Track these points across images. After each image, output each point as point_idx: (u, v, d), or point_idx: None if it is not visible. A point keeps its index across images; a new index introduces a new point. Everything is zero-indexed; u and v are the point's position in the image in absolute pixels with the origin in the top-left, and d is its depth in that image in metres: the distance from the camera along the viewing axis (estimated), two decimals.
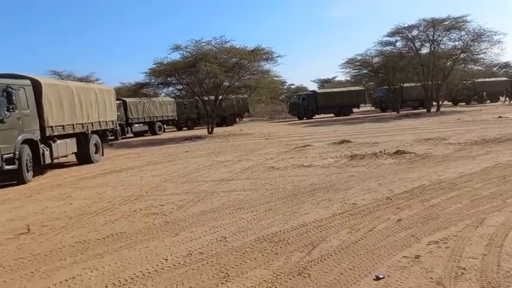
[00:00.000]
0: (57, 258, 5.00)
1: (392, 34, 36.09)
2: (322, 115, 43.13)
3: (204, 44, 25.88)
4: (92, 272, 4.48)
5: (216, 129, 29.24)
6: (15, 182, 11.18)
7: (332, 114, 42.93)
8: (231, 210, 6.83)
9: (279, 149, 15.51)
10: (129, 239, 5.63)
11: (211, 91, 28.02)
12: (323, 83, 73.53)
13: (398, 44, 36.81)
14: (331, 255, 4.55)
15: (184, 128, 36.60)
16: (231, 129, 30.97)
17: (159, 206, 7.51)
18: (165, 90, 31.58)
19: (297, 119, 42.20)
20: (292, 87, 69.97)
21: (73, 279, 4.30)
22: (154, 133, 32.17)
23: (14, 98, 10.86)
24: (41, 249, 5.41)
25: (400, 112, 38.17)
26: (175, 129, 36.82)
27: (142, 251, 5.09)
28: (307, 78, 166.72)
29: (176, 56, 27.71)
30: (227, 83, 27.70)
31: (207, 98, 28.15)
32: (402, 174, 8.99)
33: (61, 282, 4.25)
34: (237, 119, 41.25)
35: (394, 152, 11.91)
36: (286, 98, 58.10)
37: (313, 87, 72.59)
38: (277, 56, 27.24)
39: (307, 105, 41.92)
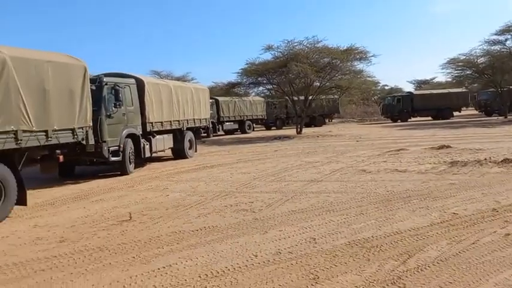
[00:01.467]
0: (156, 246, 5.31)
1: (501, 32, 33.00)
2: (418, 118, 40.88)
3: (295, 44, 25.91)
4: (186, 261, 4.68)
5: (305, 130, 29.12)
6: (119, 173, 12.15)
7: (429, 117, 40.46)
8: (320, 212, 6.71)
9: (370, 152, 14.97)
10: (220, 232, 5.80)
11: (301, 91, 27.94)
12: (420, 84, 69.67)
13: (509, 43, 33.53)
14: (428, 267, 4.26)
15: (273, 128, 37.00)
16: (320, 130, 30.65)
17: (249, 202, 7.64)
18: (255, 90, 32.17)
19: (390, 121, 40.45)
20: (386, 88, 67.22)
21: (169, 267, 4.53)
22: (243, 132, 32.97)
23: (120, 95, 11.80)
24: (141, 236, 5.79)
25: (508, 117, 34.72)
26: (264, 129, 37.38)
27: (233, 245, 5.20)
28: (402, 79, 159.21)
29: (268, 56, 28.09)
30: (318, 83, 27.42)
31: (296, 98, 28.13)
32: (511, 184, 8.15)
33: (159, 268, 4.49)
34: (327, 120, 40.70)
35: (502, 160, 10.85)
36: (379, 99, 56.02)
37: (409, 88, 69.13)
38: (372, 56, 26.36)
39: (402, 107, 39.97)
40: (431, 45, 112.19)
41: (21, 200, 7.52)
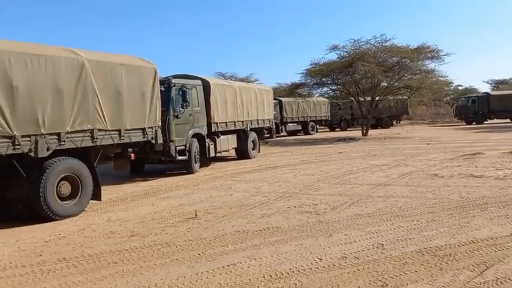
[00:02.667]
0: (220, 244, 5.38)
1: None
2: (495, 120, 38.16)
3: (362, 43, 25.22)
4: (250, 261, 4.69)
5: (371, 131, 28.27)
6: (185, 172, 12.52)
7: (508, 120, 37.62)
8: (389, 217, 6.44)
9: (442, 156, 14.17)
10: (284, 234, 5.75)
11: (368, 92, 27.15)
12: (498, 84, 65.01)
13: None
14: (509, 279, 3.92)
15: (337, 129, 36.34)
16: (387, 132, 29.58)
17: (313, 205, 7.52)
18: (319, 91, 31.78)
19: (464, 123, 38.14)
20: (460, 88, 63.44)
21: (234, 265, 4.57)
22: (307, 133, 32.68)
23: (187, 96, 12.16)
24: (206, 234, 5.90)
25: None
26: (328, 130, 36.83)
27: (297, 247, 5.14)
28: (478, 79, 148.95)
29: (333, 56, 27.62)
30: (385, 84, 26.48)
31: (362, 99, 27.39)
32: None
33: (223, 266, 4.54)
34: (394, 122, 39.21)
35: None
36: (452, 100, 53.02)
37: (485, 88, 64.71)
38: (444, 55, 24.95)
39: (477, 109, 37.50)
40: (511, 43, 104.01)
41: (96, 195, 7.99)
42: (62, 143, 7.36)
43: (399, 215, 6.52)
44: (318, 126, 35.05)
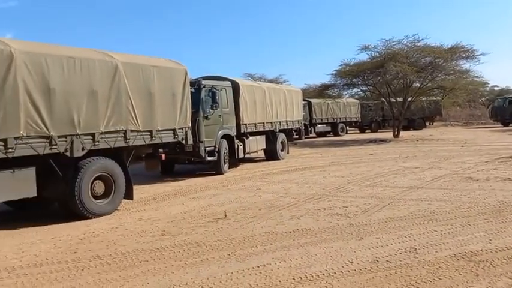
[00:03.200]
0: (250, 245, 5.39)
1: None
2: None
3: (394, 43, 24.72)
4: (280, 262, 4.67)
5: (403, 133, 27.68)
6: (214, 172, 12.62)
7: None
8: (421, 221, 6.29)
9: (478, 158, 13.72)
10: (313, 236, 5.70)
11: (399, 92, 26.60)
12: None
13: None
14: None
15: (367, 131, 35.77)
16: (420, 134, 28.89)
17: (343, 207, 7.43)
18: (349, 91, 31.36)
19: (500, 125, 36.80)
20: (496, 89, 61.29)
21: (263, 266, 4.56)
22: (336, 134, 32.33)
23: (217, 97, 12.26)
24: (235, 234, 5.92)
25: None
26: (358, 131, 36.31)
27: (327, 249, 5.08)
28: None
29: (363, 57, 27.22)
30: (418, 84, 25.88)
31: (394, 100, 26.85)
32: None
33: (253, 267, 4.54)
34: (427, 123, 38.22)
35: None
36: (488, 101, 51.24)
37: None
38: (480, 54, 24.15)
39: None
40: None
41: (129, 195, 8.16)
42: (96, 143, 7.55)
43: (433, 219, 6.36)
44: (347, 128, 34.62)
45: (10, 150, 6.22)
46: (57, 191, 7.24)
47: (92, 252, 5.33)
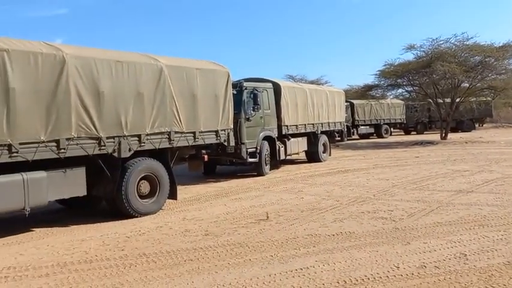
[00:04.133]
0: (292, 247, 5.35)
1: None
2: None
3: (441, 42, 23.87)
4: (323, 265, 4.61)
5: (451, 135, 26.66)
6: (256, 174, 12.65)
7: None
8: (472, 226, 6.02)
9: None
10: (357, 239, 5.59)
11: (447, 93, 25.65)
12: None
13: None
14: None
15: (413, 132, 34.73)
16: (469, 136, 27.72)
17: (388, 210, 7.24)
18: (393, 92, 30.62)
19: None
20: None
21: (307, 269, 4.51)
22: (380, 136, 31.62)
23: (259, 99, 12.29)
24: (278, 236, 5.90)
25: None
26: (403, 133, 35.32)
27: (371, 253, 4.96)
28: None
29: (409, 57, 26.47)
30: (466, 84, 24.87)
31: (441, 101, 25.91)
32: None
33: (296, 269, 4.51)
34: (477, 125, 36.63)
35: None
36: None
37: None
38: None
39: None
40: None
41: (173, 195, 8.34)
42: (142, 144, 7.77)
43: (484, 224, 6.07)
44: (392, 129, 33.76)
45: (62, 150, 6.52)
46: (105, 190, 7.49)
47: (139, 250, 5.48)
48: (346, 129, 19.60)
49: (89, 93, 6.89)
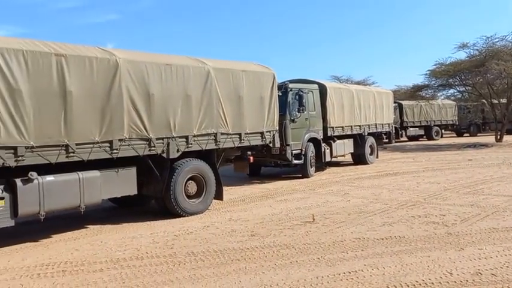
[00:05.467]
0: (339, 250, 5.27)
1: None
2: None
3: (496, 40, 22.69)
4: (372, 269, 4.50)
5: (507, 137, 25.28)
6: (301, 175, 12.58)
7: None
8: None
9: None
10: (408, 244, 5.42)
11: (503, 93, 24.33)
12: None
13: None
14: None
15: (465, 134, 33.23)
16: None
17: (440, 215, 6.97)
18: (444, 93, 29.45)
19: None
20: None
21: (355, 272, 4.43)
22: (430, 138, 30.48)
23: (304, 100, 12.22)
24: (324, 238, 5.83)
25: None
26: (455, 135, 33.89)
27: (423, 259, 4.80)
28: None
29: (461, 56, 25.38)
30: None
31: (496, 101, 24.63)
32: None
33: (344, 273, 4.43)
34: None
35: None
36: None
37: None
38: None
39: None
40: None
41: (219, 195, 8.46)
42: (190, 145, 7.94)
43: None
44: (443, 131, 32.48)
45: (115, 151, 6.78)
46: (155, 189, 7.71)
47: (187, 248, 5.59)
48: (394, 131, 19.06)
49: (140, 95, 7.13)
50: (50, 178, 6.03)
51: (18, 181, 5.74)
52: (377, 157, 16.50)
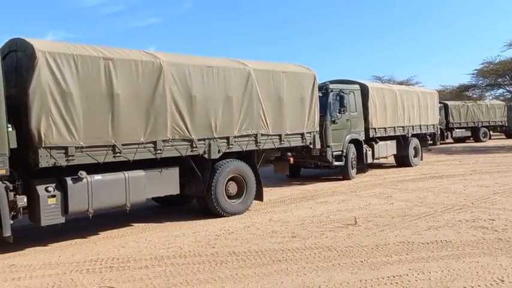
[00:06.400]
0: (383, 253, 5.16)
1: None
2: None
3: None
4: (418, 274, 4.38)
5: None
6: (341, 177, 12.41)
7: None
8: None
9: None
10: (455, 249, 5.23)
11: None
12: None
13: None
14: None
15: None
16: None
17: (489, 220, 6.68)
18: (493, 93, 28.20)
19: None
20: None
21: (399, 277, 4.33)
22: (477, 140, 29.24)
23: (345, 101, 12.07)
24: (367, 241, 5.72)
25: None
26: (504, 137, 32.35)
27: (471, 265, 4.62)
28: None
29: (511, 54, 24.23)
30: None
31: None
32: None
33: (388, 277, 4.34)
34: None
35: None
36: None
37: None
38: None
39: None
40: None
41: (259, 196, 8.49)
42: (230, 146, 8.02)
43: None
44: (491, 133, 31.07)
45: (159, 151, 6.96)
46: (197, 189, 7.84)
47: (229, 248, 5.65)
48: (439, 132, 18.45)
49: (182, 97, 7.28)
50: (98, 177, 6.27)
51: (68, 180, 6.01)
52: (421, 159, 16.01)
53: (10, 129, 5.50)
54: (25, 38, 6.05)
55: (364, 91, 13.24)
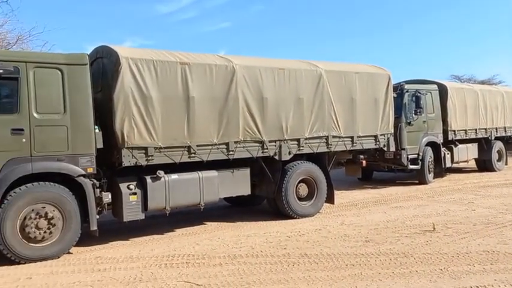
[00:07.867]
0: (465, 262, 4.86)
1: None
2: None
3: None
4: (505, 285, 4.09)
5: None
6: (417, 182, 11.86)
7: None
8: None
9: None
10: None
11: None
12: None
13: None
14: None
15: None
16: None
17: None
18: None
19: None
20: None
21: (484, 287, 4.05)
22: None
23: (421, 102, 11.52)
24: (447, 249, 5.42)
25: None
26: None
27: None
28: None
29: None
30: None
31: None
32: None
33: (471, 287, 4.09)
34: None
35: None
36: None
37: None
38: None
39: None
40: None
41: (330, 199, 8.37)
42: (301, 148, 7.99)
43: None
44: None
45: (231, 152, 7.12)
46: (267, 190, 7.91)
47: (300, 250, 5.63)
48: None
49: (254, 99, 7.39)
50: (174, 176, 6.56)
51: (148, 178, 6.35)
52: (506, 164, 14.88)
53: (97, 130, 5.93)
54: (110, 45, 6.49)
55: (443, 91, 12.57)
